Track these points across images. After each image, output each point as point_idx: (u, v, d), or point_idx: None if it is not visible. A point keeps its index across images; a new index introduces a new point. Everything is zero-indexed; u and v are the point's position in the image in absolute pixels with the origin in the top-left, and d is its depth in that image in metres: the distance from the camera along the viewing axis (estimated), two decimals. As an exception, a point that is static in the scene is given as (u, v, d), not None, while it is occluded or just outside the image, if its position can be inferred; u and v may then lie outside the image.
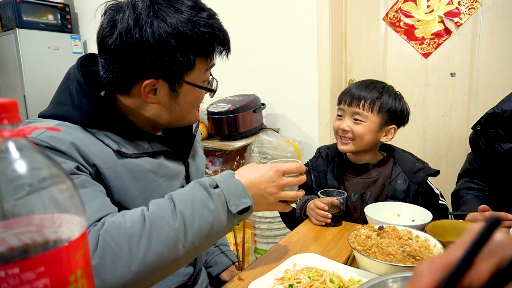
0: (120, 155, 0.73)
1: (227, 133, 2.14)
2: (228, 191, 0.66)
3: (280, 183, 0.73)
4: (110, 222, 0.59)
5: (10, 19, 2.95)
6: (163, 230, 0.59)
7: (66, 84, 0.77)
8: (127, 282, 0.56)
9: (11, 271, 0.26)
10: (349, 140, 1.16)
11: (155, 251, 0.58)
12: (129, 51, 0.70)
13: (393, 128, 1.18)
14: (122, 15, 0.69)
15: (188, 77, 0.75)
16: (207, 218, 0.63)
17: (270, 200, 0.73)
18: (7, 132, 0.29)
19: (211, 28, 0.73)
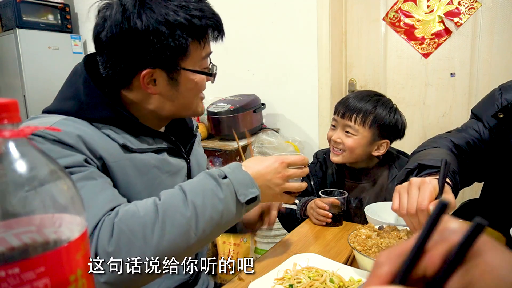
0: (126, 150, 0.74)
1: (227, 133, 2.14)
2: (237, 181, 0.67)
3: (285, 174, 0.74)
4: (124, 211, 0.60)
5: (10, 19, 2.95)
6: (175, 218, 0.61)
7: (73, 80, 0.78)
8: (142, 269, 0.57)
9: (11, 271, 0.26)
10: (340, 152, 1.17)
11: (168, 238, 0.59)
12: (121, 43, 0.71)
13: (386, 142, 1.17)
14: (111, 11, 0.71)
15: (184, 63, 0.76)
16: (218, 207, 0.64)
17: (275, 190, 0.74)
18: (7, 132, 0.29)
19: (201, 11, 0.74)
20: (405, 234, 0.83)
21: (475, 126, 1.06)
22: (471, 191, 1.75)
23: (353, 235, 0.83)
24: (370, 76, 2.26)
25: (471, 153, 1.01)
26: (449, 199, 0.66)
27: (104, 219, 0.59)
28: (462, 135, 1.03)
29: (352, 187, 1.22)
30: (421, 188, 0.68)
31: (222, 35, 0.81)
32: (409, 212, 0.66)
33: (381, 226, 0.86)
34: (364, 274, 0.76)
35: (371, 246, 0.78)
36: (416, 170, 0.82)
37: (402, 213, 0.68)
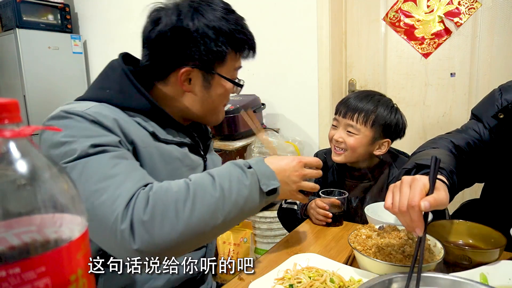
0: (154, 138, 0.79)
1: (227, 133, 2.14)
2: (260, 172, 0.72)
3: (302, 173, 0.79)
4: (158, 186, 0.65)
5: (10, 19, 2.95)
6: (205, 197, 0.65)
7: (108, 73, 0.84)
8: (171, 241, 0.61)
9: (12, 270, 0.26)
10: (342, 151, 1.17)
11: (198, 215, 0.63)
12: (170, 40, 0.78)
13: (387, 141, 1.18)
14: (166, 12, 0.79)
15: (220, 70, 0.83)
16: (243, 192, 0.69)
17: (292, 187, 0.79)
18: (8, 132, 0.29)
19: (241, 27, 0.83)
20: (405, 234, 0.83)
21: (475, 127, 1.05)
22: (471, 191, 1.75)
23: (353, 235, 0.83)
24: (370, 76, 2.26)
25: (471, 153, 1.01)
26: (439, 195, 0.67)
27: (139, 192, 0.63)
28: (462, 136, 1.03)
29: (352, 187, 1.22)
30: (412, 185, 0.68)
31: (253, 54, 0.91)
32: (401, 209, 0.67)
33: (381, 226, 0.86)
34: (364, 274, 0.76)
35: (371, 246, 0.78)
36: (414, 170, 0.82)
37: (394, 211, 0.69)
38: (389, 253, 0.76)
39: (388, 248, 0.77)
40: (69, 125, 0.68)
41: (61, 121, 0.69)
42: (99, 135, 0.68)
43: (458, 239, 0.88)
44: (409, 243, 0.79)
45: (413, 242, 0.80)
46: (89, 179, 0.63)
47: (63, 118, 0.69)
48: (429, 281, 0.63)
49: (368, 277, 0.73)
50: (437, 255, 0.75)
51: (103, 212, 0.60)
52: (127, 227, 0.59)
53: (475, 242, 0.86)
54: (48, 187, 0.30)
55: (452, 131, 1.10)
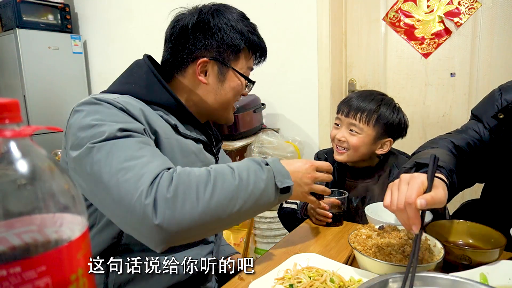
0: (175, 131, 0.84)
1: (227, 133, 2.14)
2: (276, 169, 0.76)
3: (313, 175, 0.85)
4: (181, 169, 0.69)
5: (10, 19, 2.95)
6: (225, 184, 0.69)
7: (134, 70, 0.89)
8: (190, 221, 0.64)
9: (12, 270, 0.26)
10: (345, 150, 1.17)
11: (217, 199, 0.67)
12: (191, 31, 0.86)
13: (389, 141, 1.19)
14: (188, 12, 0.88)
15: (234, 64, 0.89)
16: (259, 185, 0.72)
17: (304, 189, 0.84)
18: (9, 132, 0.29)
19: (254, 30, 0.91)
20: (405, 234, 0.83)
21: (475, 127, 1.05)
22: (471, 191, 1.75)
23: (353, 235, 0.83)
24: (370, 76, 2.26)
25: (471, 153, 1.01)
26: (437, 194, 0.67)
27: (163, 173, 0.67)
28: (462, 136, 1.03)
29: (353, 186, 1.22)
30: (410, 183, 0.69)
31: (264, 59, 0.98)
32: (398, 207, 0.67)
33: (381, 226, 0.86)
34: (364, 274, 0.76)
35: (371, 246, 0.78)
36: (413, 169, 0.83)
37: (393, 209, 0.69)
38: (389, 253, 0.76)
39: (388, 248, 0.77)
40: (99, 110, 0.72)
41: (92, 106, 0.73)
42: (127, 121, 0.72)
43: (458, 239, 0.88)
44: (409, 243, 0.79)
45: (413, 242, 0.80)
46: (115, 158, 0.66)
47: (93, 104, 0.74)
48: (429, 281, 0.63)
49: (368, 277, 0.73)
50: (437, 255, 0.75)
51: (127, 188, 0.63)
52: (151, 203, 0.62)
53: (475, 242, 0.86)
54: (49, 186, 0.30)
55: (452, 131, 1.10)
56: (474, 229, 0.87)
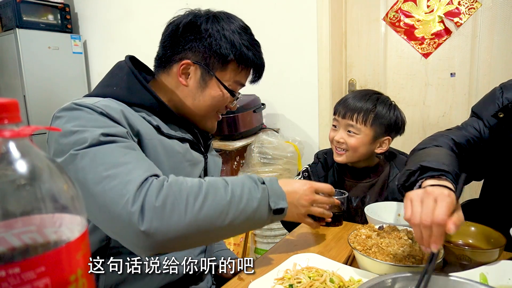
0: (158, 131, 0.82)
1: (227, 133, 2.14)
2: (272, 189, 0.76)
3: (312, 198, 0.84)
4: (173, 179, 0.69)
5: (10, 19, 2.95)
6: (216, 197, 0.68)
7: (115, 72, 0.88)
8: (177, 232, 0.64)
9: (11, 270, 0.26)
10: (344, 151, 1.18)
11: (206, 212, 0.67)
12: (181, 31, 0.85)
13: (388, 139, 1.19)
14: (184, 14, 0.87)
15: (219, 74, 0.87)
16: (252, 203, 0.72)
17: (300, 211, 0.83)
18: (8, 132, 0.29)
19: (252, 46, 0.88)
20: (405, 234, 0.83)
21: (476, 125, 1.05)
22: (471, 191, 1.75)
23: (353, 235, 0.83)
24: (370, 76, 2.26)
25: (470, 151, 1.00)
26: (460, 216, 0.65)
27: (152, 180, 0.67)
28: (462, 133, 1.03)
29: (353, 187, 1.22)
30: (439, 200, 0.66)
31: (258, 78, 0.95)
32: (423, 223, 0.64)
33: (381, 226, 0.86)
34: (364, 274, 0.76)
35: (371, 246, 0.78)
36: (418, 172, 0.81)
37: (415, 222, 0.66)
38: (389, 253, 0.76)
39: (388, 248, 0.77)
40: (80, 116, 0.71)
41: (72, 112, 0.72)
42: (108, 125, 0.71)
43: (458, 239, 0.88)
44: (409, 243, 0.79)
45: (413, 242, 0.80)
46: (99, 165, 0.66)
47: (74, 109, 0.72)
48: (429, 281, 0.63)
49: (368, 277, 0.73)
50: (437, 255, 0.75)
51: (113, 196, 0.63)
52: (137, 210, 0.62)
53: (475, 242, 0.86)
54: (48, 187, 0.30)
55: (452, 128, 1.09)
56: (474, 229, 0.87)
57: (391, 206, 1.05)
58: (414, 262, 0.73)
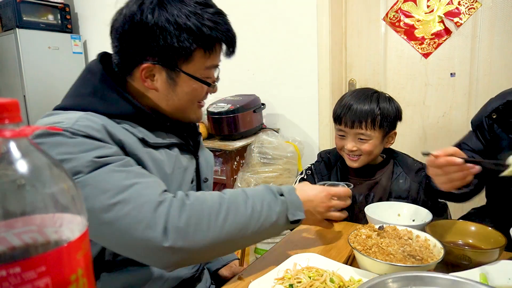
0: (144, 144, 0.77)
1: (227, 133, 2.14)
2: (291, 201, 0.77)
3: (329, 204, 0.85)
4: (195, 197, 0.70)
5: (10, 19, 2.95)
6: (238, 214, 0.70)
7: (87, 78, 0.80)
8: (200, 248, 0.66)
9: (12, 270, 0.26)
10: (357, 157, 1.18)
11: (228, 228, 0.69)
12: (130, 32, 0.75)
13: (394, 132, 1.21)
14: (129, 4, 0.77)
15: (186, 67, 0.78)
16: (271, 217, 0.74)
17: (317, 217, 0.85)
18: (8, 132, 0.29)
19: (214, 24, 0.77)
20: (405, 234, 0.83)
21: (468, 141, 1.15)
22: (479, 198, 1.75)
23: (353, 235, 0.83)
24: (370, 76, 2.26)
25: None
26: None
27: (170, 199, 0.67)
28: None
29: (357, 184, 1.23)
30: None
31: (231, 53, 0.84)
32: None
33: (381, 226, 0.86)
34: (364, 274, 0.76)
35: (371, 246, 0.78)
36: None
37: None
38: (389, 253, 0.76)
39: (388, 248, 0.77)
40: (62, 142, 0.64)
41: (51, 138, 0.64)
42: (98, 147, 0.67)
43: (458, 239, 0.88)
44: (409, 243, 0.79)
45: (413, 242, 0.80)
46: (104, 192, 0.63)
47: (51, 135, 0.64)
48: (429, 281, 0.63)
49: (368, 277, 0.73)
50: (437, 255, 0.75)
51: (129, 221, 0.62)
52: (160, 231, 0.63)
53: (475, 242, 0.86)
54: (48, 187, 0.30)
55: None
56: (474, 229, 0.88)
57: (391, 206, 1.05)
58: (414, 262, 0.73)
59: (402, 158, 1.25)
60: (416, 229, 0.85)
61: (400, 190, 1.16)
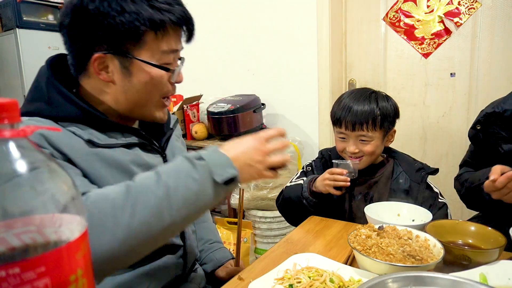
0: (91, 145, 0.73)
1: (227, 133, 2.14)
2: (213, 162, 0.66)
3: (265, 150, 0.73)
4: (95, 193, 0.61)
5: (10, 19, 2.95)
6: (147, 199, 0.60)
7: (37, 82, 0.77)
8: (114, 251, 0.57)
9: (12, 271, 0.26)
10: (359, 158, 1.18)
11: (139, 218, 0.59)
12: (75, 23, 0.72)
13: (394, 130, 1.22)
14: None
15: (138, 53, 0.74)
16: (192, 188, 0.63)
17: (258, 168, 0.72)
18: (7, 132, 0.29)
19: (167, 5, 0.73)
20: (405, 234, 0.83)
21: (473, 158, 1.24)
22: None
23: (353, 235, 0.83)
24: (370, 76, 2.26)
25: None
26: None
27: None
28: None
29: (356, 183, 1.23)
30: None
31: (190, 35, 0.80)
32: None
33: (381, 226, 0.86)
34: (364, 274, 0.76)
35: (371, 246, 0.78)
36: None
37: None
38: (389, 253, 0.76)
39: (388, 248, 0.77)
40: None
41: None
42: None
43: (458, 239, 0.88)
44: (409, 243, 0.79)
45: (413, 242, 0.80)
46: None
47: None
48: (429, 281, 0.63)
49: (368, 277, 0.73)
50: (436, 255, 0.75)
51: None
52: None
53: (475, 242, 0.86)
54: (48, 187, 0.30)
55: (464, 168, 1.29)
56: (474, 229, 0.88)
57: (391, 206, 1.05)
58: (414, 262, 0.73)
59: (402, 158, 1.25)
60: (416, 229, 0.85)
61: (399, 190, 1.17)
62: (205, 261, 1.08)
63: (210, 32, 2.55)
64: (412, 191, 1.16)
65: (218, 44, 2.55)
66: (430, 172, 1.18)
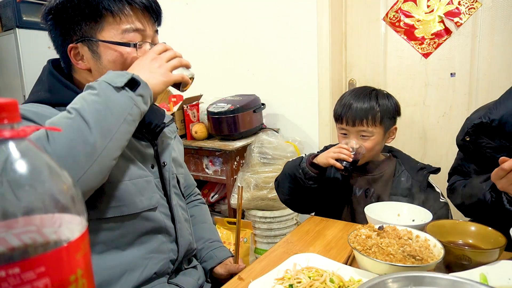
0: None
1: (227, 133, 2.14)
2: (108, 77, 0.72)
3: (160, 57, 0.80)
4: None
5: (10, 19, 2.95)
6: (62, 124, 0.66)
7: (41, 76, 0.88)
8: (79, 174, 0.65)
9: (11, 271, 0.26)
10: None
11: (61, 142, 0.64)
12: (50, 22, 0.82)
13: (395, 127, 1.23)
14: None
15: (101, 35, 0.80)
16: (97, 100, 0.69)
17: (160, 71, 0.78)
18: (7, 132, 0.29)
19: None
20: (405, 234, 0.83)
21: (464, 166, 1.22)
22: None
23: (353, 235, 0.83)
24: (370, 76, 2.26)
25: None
26: None
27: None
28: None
29: (358, 178, 1.24)
30: None
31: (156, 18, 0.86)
32: None
33: (381, 226, 0.86)
34: (364, 274, 0.76)
35: (371, 246, 0.78)
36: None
37: None
38: (389, 253, 0.76)
39: (388, 248, 0.77)
40: None
41: None
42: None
43: (458, 239, 0.88)
44: (409, 243, 0.79)
45: (413, 242, 0.80)
46: None
47: None
48: (429, 281, 0.63)
49: (368, 277, 0.73)
50: (437, 255, 0.75)
51: None
52: None
53: (475, 242, 0.86)
54: (48, 187, 0.30)
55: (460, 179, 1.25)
56: (474, 229, 0.87)
57: (391, 206, 1.05)
58: (414, 262, 0.73)
59: (405, 157, 1.27)
60: (416, 229, 0.85)
61: (401, 188, 1.18)
62: (205, 259, 1.09)
63: (210, 32, 2.56)
64: (413, 189, 1.17)
65: (218, 44, 2.55)
66: (432, 171, 1.19)
